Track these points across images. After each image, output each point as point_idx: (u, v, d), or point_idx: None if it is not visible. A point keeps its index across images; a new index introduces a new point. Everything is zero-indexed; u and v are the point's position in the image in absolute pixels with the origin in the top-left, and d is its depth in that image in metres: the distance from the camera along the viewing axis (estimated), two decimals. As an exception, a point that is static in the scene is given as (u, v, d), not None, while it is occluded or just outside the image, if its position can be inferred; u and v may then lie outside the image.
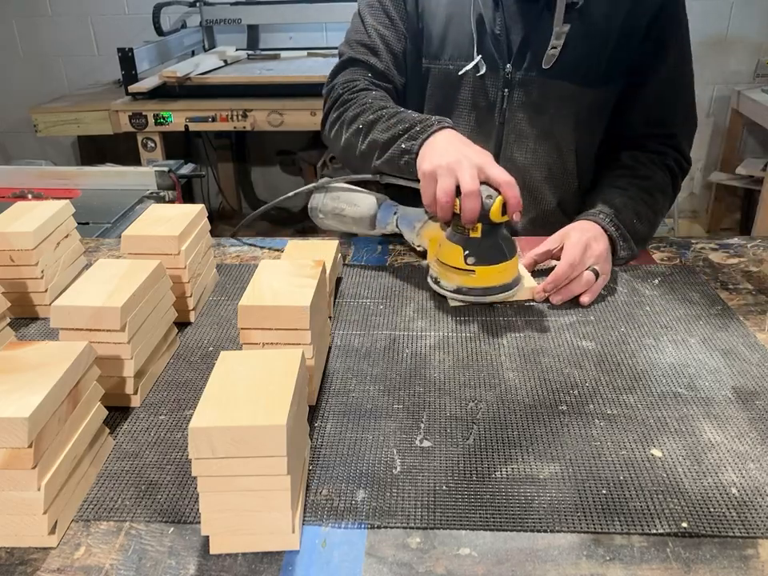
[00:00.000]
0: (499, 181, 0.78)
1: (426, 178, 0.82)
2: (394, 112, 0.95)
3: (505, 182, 0.78)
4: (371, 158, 0.95)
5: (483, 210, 0.78)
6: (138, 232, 0.81)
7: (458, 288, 0.84)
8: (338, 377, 0.72)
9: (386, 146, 0.91)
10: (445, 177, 0.79)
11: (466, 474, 0.58)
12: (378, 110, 0.97)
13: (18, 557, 0.51)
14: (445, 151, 0.82)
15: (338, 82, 1.08)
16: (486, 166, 0.79)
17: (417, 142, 0.87)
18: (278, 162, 3.28)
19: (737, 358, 0.74)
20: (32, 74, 3.14)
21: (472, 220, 0.79)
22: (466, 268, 0.83)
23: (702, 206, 3.26)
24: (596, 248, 0.87)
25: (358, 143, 0.98)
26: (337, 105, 1.05)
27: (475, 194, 0.77)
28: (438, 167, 0.80)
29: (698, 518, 0.53)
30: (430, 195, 0.82)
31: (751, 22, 2.89)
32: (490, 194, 0.78)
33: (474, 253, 0.82)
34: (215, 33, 3.00)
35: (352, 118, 1.00)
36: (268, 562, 0.51)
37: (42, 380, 0.53)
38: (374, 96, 1.01)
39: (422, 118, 0.91)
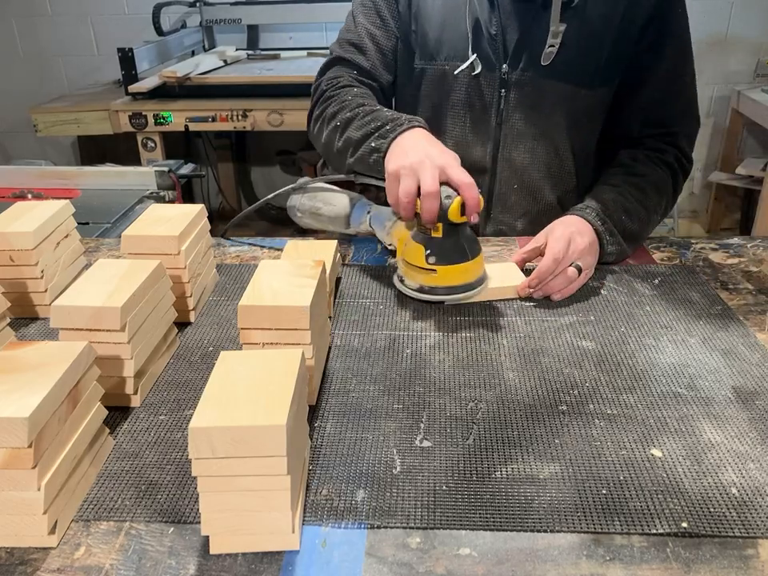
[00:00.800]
0: (458, 182, 0.79)
1: (390, 178, 0.83)
2: (370, 110, 0.96)
3: (464, 184, 0.79)
4: (346, 155, 0.96)
5: (441, 210, 0.79)
6: (138, 232, 0.81)
7: (421, 287, 0.85)
8: (337, 377, 0.72)
9: (359, 144, 0.93)
10: (407, 177, 0.80)
11: (466, 474, 0.58)
12: (355, 108, 0.98)
13: (18, 557, 0.51)
14: (410, 151, 0.83)
15: (323, 79, 1.09)
16: (448, 167, 0.80)
17: (386, 140, 0.88)
18: (277, 162, 3.28)
19: (737, 358, 0.74)
20: (32, 74, 3.14)
21: (431, 220, 0.80)
22: (428, 267, 0.84)
23: (702, 206, 3.26)
24: (580, 242, 0.87)
25: (335, 140, 0.99)
26: (320, 101, 1.07)
27: (434, 195, 0.78)
28: (401, 167, 0.81)
29: (698, 518, 0.53)
30: (393, 195, 0.83)
31: (751, 22, 2.89)
32: (449, 194, 0.79)
33: (435, 252, 0.83)
34: (215, 33, 3.00)
35: (331, 115, 1.01)
36: (268, 561, 0.51)
37: (41, 380, 0.52)
38: (354, 93, 1.02)
39: (393, 116, 0.92)
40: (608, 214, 0.92)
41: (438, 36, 1.04)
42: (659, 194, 1.02)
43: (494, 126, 1.06)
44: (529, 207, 1.10)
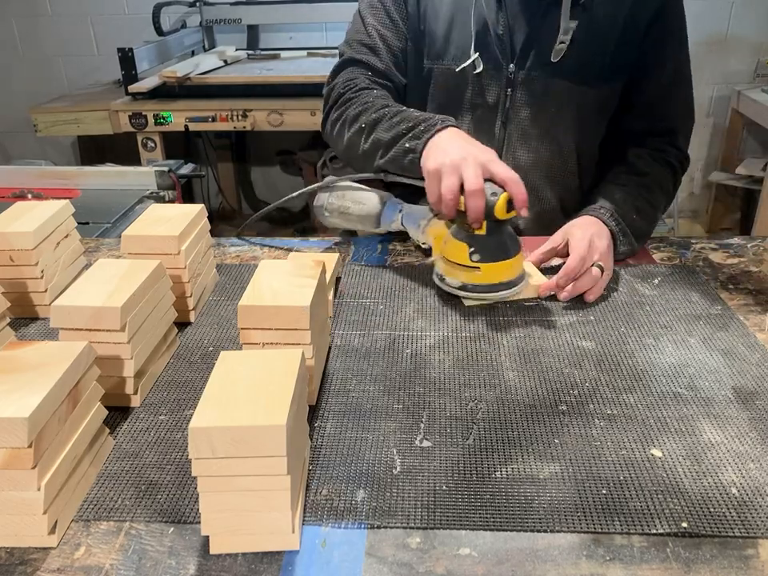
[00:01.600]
0: (504, 178, 0.79)
1: (431, 177, 0.83)
2: (396, 111, 0.95)
3: (509, 179, 0.78)
4: (374, 157, 0.95)
5: (488, 207, 0.79)
6: (138, 232, 0.81)
7: (463, 285, 0.85)
8: (337, 377, 0.72)
9: (390, 145, 0.92)
10: (449, 175, 0.80)
11: (466, 474, 0.58)
12: (380, 109, 0.97)
13: (18, 557, 0.51)
14: (449, 149, 0.83)
15: (339, 81, 1.08)
16: (491, 163, 0.80)
17: (421, 141, 0.87)
18: (277, 162, 3.28)
19: (737, 358, 0.74)
20: (32, 74, 3.14)
21: (477, 218, 0.79)
22: (471, 265, 0.83)
23: (702, 206, 3.26)
24: (599, 244, 0.88)
25: (361, 142, 0.98)
26: (338, 104, 1.06)
27: (479, 192, 0.78)
28: (442, 165, 0.81)
29: (697, 518, 0.53)
30: (435, 193, 0.83)
31: (751, 22, 2.89)
32: (494, 191, 0.79)
33: (479, 250, 0.83)
34: (215, 33, 2.99)
35: (354, 117, 1.00)
36: (268, 562, 0.51)
37: (41, 380, 0.52)
38: (375, 95, 1.02)
39: (425, 116, 0.91)
40: (621, 215, 0.93)
41: (445, 36, 1.04)
42: (663, 192, 1.03)
43: (499, 125, 1.06)
44: (532, 206, 1.10)
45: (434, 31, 1.05)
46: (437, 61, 1.06)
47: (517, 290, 0.85)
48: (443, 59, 1.05)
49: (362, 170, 1.00)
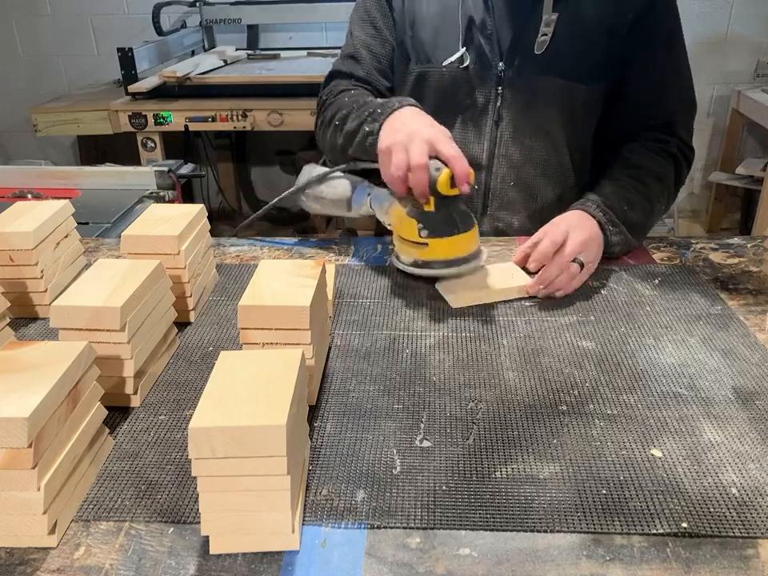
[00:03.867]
0: (447, 155, 0.80)
1: (383, 155, 0.85)
2: (363, 102, 0.99)
3: (452, 156, 0.80)
4: (346, 149, 0.99)
5: (431, 182, 0.80)
6: (137, 232, 0.81)
7: (415, 261, 0.87)
8: (337, 377, 0.72)
9: (355, 133, 0.95)
10: (397, 153, 0.82)
11: (466, 474, 0.58)
12: (350, 105, 1.01)
13: (18, 557, 0.51)
14: (400, 128, 0.85)
15: (324, 91, 1.13)
16: (437, 141, 0.81)
17: (378, 122, 0.90)
18: (277, 162, 3.28)
19: (737, 357, 0.74)
20: (32, 74, 3.14)
21: (422, 193, 0.81)
22: (420, 241, 0.85)
23: (702, 206, 3.26)
24: (577, 235, 0.88)
25: (337, 139, 1.02)
26: (321, 111, 1.11)
27: (422, 167, 0.80)
28: (392, 144, 0.84)
29: (698, 518, 0.53)
30: (387, 172, 0.85)
31: (751, 22, 2.89)
32: (438, 167, 0.80)
33: (427, 225, 0.84)
34: (215, 33, 2.99)
35: (330, 117, 1.05)
36: (268, 562, 0.51)
37: (41, 380, 0.52)
38: (351, 94, 1.05)
39: (385, 101, 0.95)
40: (608, 206, 0.93)
41: (433, 39, 1.06)
42: (660, 183, 1.02)
43: (490, 123, 1.07)
44: (526, 204, 1.11)
45: (422, 36, 1.06)
46: (426, 64, 1.07)
47: (470, 266, 0.86)
48: (432, 62, 1.07)
49: None
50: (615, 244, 0.93)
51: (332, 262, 0.99)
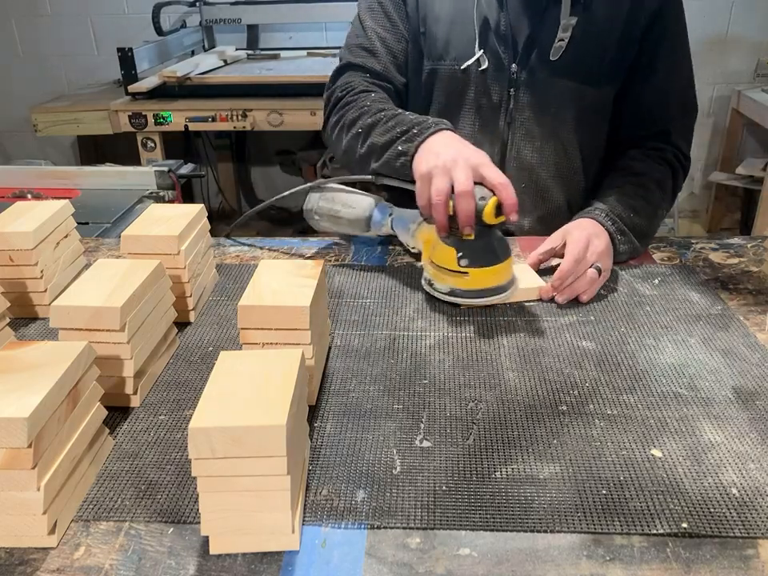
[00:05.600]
0: (494, 182, 0.78)
1: (422, 179, 0.82)
2: (392, 114, 0.95)
3: (500, 183, 0.77)
4: (369, 160, 0.95)
5: (477, 211, 0.78)
6: (137, 232, 0.81)
7: (452, 290, 0.84)
8: (338, 377, 0.72)
9: (384, 148, 0.91)
10: (439, 177, 0.79)
11: (466, 474, 0.58)
12: (376, 113, 0.97)
13: (18, 557, 0.51)
14: (441, 152, 0.82)
15: (338, 85, 1.08)
16: (482, 166, 0.79)
17: (413, 144, 0.86)
18: (277, 162, 3.28)
19: (737, 357, 0.74)
20: (32, 74, 3.14)
21: (468, 221, 0.78)
22: (459, 270, 0.82)
23: (702, 206, 3.26)
24: (597, 244, 0.88)
25: (358, 146, 0.98)
26: (337, 108, 1.06)
27: (469, 194, 0.77)
28: (433, 168, 0.80)
29: (698, 518, 0.53)
30: (425, 196, 0.82)
31: (751, 22, 2.89)
32: (483, 195, 0.78)
33: (468, 254, 0.82)
34: (215, 33, 3.00)
35: (351, 121, 1.00)
36: (268, 562, 0.51)
37: (41, 380, 0.52)
38: (372, 98, 1.02)
39: (419, 120, 0.91)
40: (616, 214, 0.93)
41: (446, 37, 1.04)
42: (661, 190, 1.02)
43: (502, 125, 1.06)
44: (537, 207, 1.11)
45: (435, 33, 1.05)
46: (439, 62, 1.06)
47: (506, 295, 0.84)
48: (445, 60, 1.05)
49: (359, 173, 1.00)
50: (623, 252, 0.93)
51: (332, 261, 0.99)
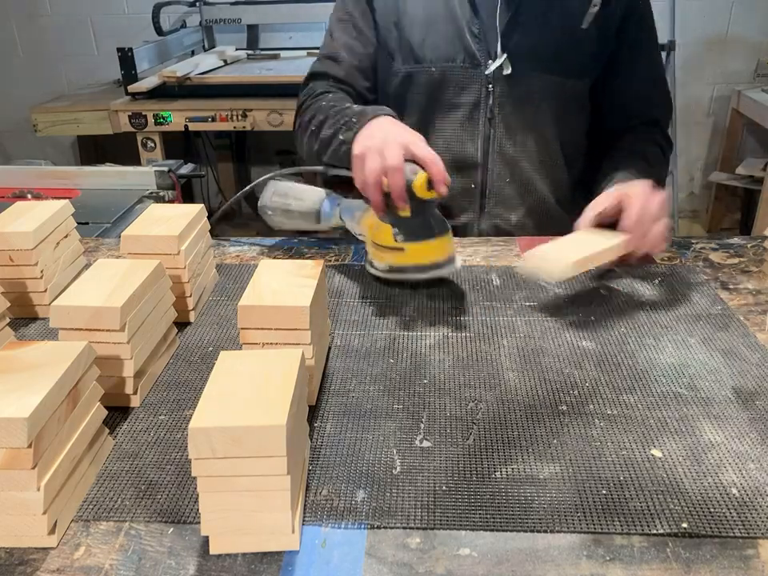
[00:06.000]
0: (423, 158, 0.79)
1: (356, 161, 0.84)
2: (339, 109, 0.98)
3: (429, 159, 0.79)
4: (322, 155, 0.99)
5: (407, 185, 0.79)
6: (137, 232, 0.81)
7: (390, 267, 0.87)
8: (337, 377, 0.72)
9: (330, 140, 0.95)
10: (372, 157, 0.81)
11: (466, 474, 0.58)
12: (327, 110, 1.00)
13: (18, 557, 0.51)
14: (375, 134, 0.84)
15: (302, 93, 1.13)
16: (411, 144, 0.80)
17: (352, 131, 0.89)
18: (277, 162, 3.27)
19: (737, 358, 0.74)
20: (32, 74, 3.14)
21: (400, 195, 0.79)
22: (396, 246, 0.84)
23: (702, 206, 3.26)
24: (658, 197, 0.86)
25: (314, 144, 1.01)
26: (298, 114, 1.10)
27: (398, 169, 0.78)
28: (366, 149, 0.82)
29: (698, 518, 0.53)
30: (359, 178, 0.84)
31: (751, 22, 2.89)
32: (414, 170, 0.79)
33: (403, 230, 0.83)
34: (215, 33, 2.99)
35: (307, 122, 1.04)
36: (268, 562, 0.51)
37: (41, 380, 0.52)
38: (329, 98, 1.04)
39: (360, 109, 0.94)
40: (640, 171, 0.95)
41: (422, 40, 1.05)
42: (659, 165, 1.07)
43: (483, 121, 1.07)
44: (523, 199, 1.12)
45: (410, 36, 1.06)
46: (415, 65, 1.07)
47: (444, 272, 0.85)
48: (422, 63, 1.06)
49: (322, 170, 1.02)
50: None
51: (332, 261, 0.99)
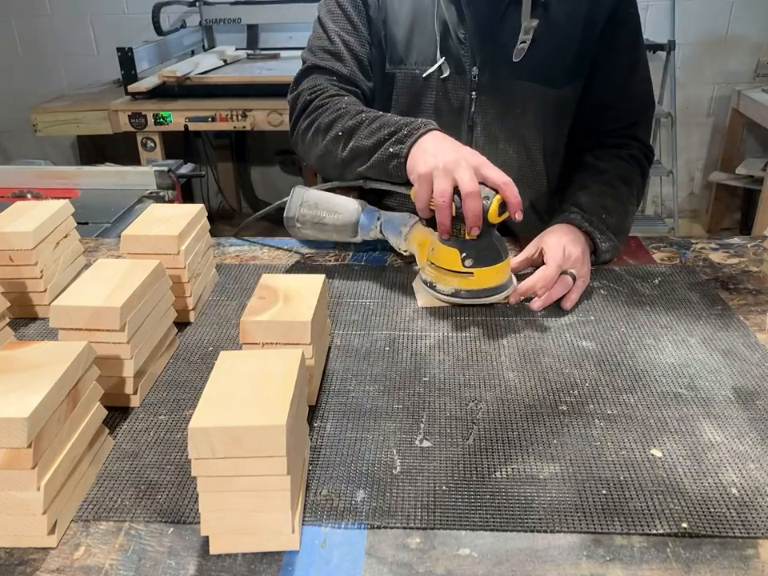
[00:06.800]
0: (497, 182, 0.78)
1: (422, 181, 0.81)
2: (374, 116, 0.93)
3: (503, 183, 0.78)
4: (353, 164, 0.94)
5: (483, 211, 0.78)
6: (137, 232, 0.81)
7: (456, 291, 0.84)
8: (337, 377, 0.72)
9: (372, 151, 0.90)
10: (441, 178, 0.78)
11: (466, 474, 0.58)
12: (356, 115, 0.95)
13: (18, 557, 0.51)
14: (439, 153, 0.81)
15: (304, 88, 1.05)
16: (483, 166, 0.79)
17: (405, 145, 0.85)
18: (277, 162, 3.28)
19: (737, 357, 0.74)
20: (32, 73, 3.14)
21: (476, 222, 0.78)
22: (464, 270, 0.82)
23: (702, 206, 3.26)
24: (573, 251, 0.87)
25: (338, 150, 0.96)
26: (308, 111, 1.03)
27: (477, 195, 0.77)
28: (434, 169, 0.79)
29: (698, 518, 0.53)
30: (425, 198, 0.81)
31: (751, 22, 2.89)
32: (486, 194, 0.78)
33: (472, 255, 0.82)
34: (215, 32, 3.00)
35: (328, 124, 0.97)
36: (268, 562, 0.51)
37: (41, 380, 0.52)
38: (347, 101, 0.99)
39: (406, 121, 0.89)
40: (591, 214, 0.93)
41: (406, 40, 1.03)
42: (628, 185, 1.02)
43: (465, 129, 1.06)
44: None
45: (395, 36, 1.04)
46: (399, 65, 1.05)
47: (507, 292, 0.85)
48: (405, 63, 1.04)
49: (338, 177, 0.98)
50: (606, 251, 0.92)
51: (332, 261, 0.99)
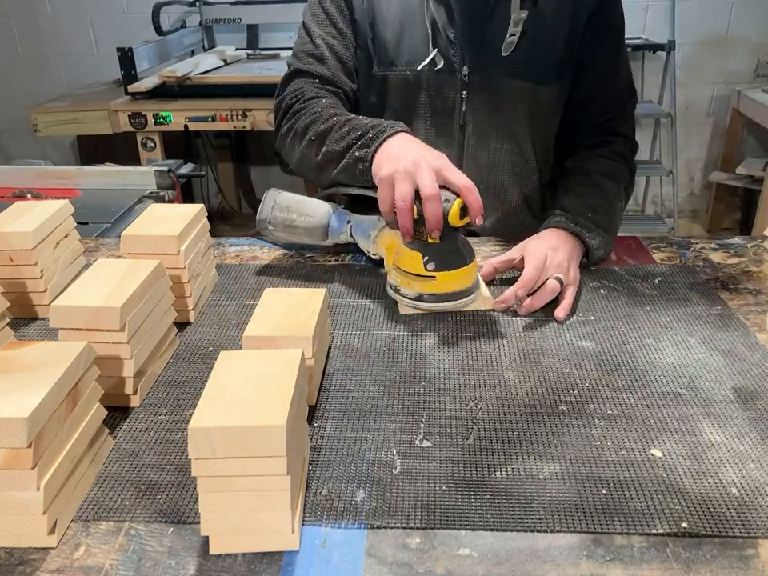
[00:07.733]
0: (458, 184, 0.77)
1: (384, 184, 0.80)
2: (345, 120, 0.93)
3: (464, 186, 0.77)
4: (327, 169, 0.94)
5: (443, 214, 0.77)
6: (137, 232, 0.81)
7: (419, 295, 0.83)
8: (337, 377, 0.72)
9: (341, 156, 0.90)
10: (402, 181, 0.78)
11: (466, 474, 0.58)
12: (328, 119, 0.95)
13: (18, 557, 0.51)
14: (401, 155, 0.80)
15: (287, 92, 1.06)
16: (444, 169, 0.78)
17: (371, 148, 0.85)
18: (277, 162, 3.27)
19: (737, 358, 0.74)
20: (32, 73, 3.14)
21: (436, 225, 0.77)
22: (427, 274, 0.82)
23: (702, 206, 3.26)
24: (555, 257, 0.85)
25: (312, 155, 0.96)
26: (288, 116, 1.03)
27: (437, 198, 0.76)
28: (395, 172, 0.79)
29: (698, 517, 0.53)
30: (387, 201, 0.80)
31: (751, 22, 2.89)
32: (447, 197, 0.77)
33: (434, 258, 0.81)
34: (215, 32, 3.00)
35: (303, 128, 0.98)
36: (268, 562, 0.51)
37: (41, 380, 0.52)
38: (323, 104, 0.99)
39: (374, 123, 0.89)
40: (576, 215, 0.92)
41: (396, 42, 1.03)
42: (615, 181, 1.02)
43: (457, 128, 1.06)
44: (496, 207, 1.10)
45: (384, 38, 1.04)
46: (390, 67, 1.04)
47: (472, 297, 0.84)
48: (396, 65, 1.04)
49: (317, 182, 0.98)
50: (597, 248, 0.92)
51: (332, 261, 0.99)
